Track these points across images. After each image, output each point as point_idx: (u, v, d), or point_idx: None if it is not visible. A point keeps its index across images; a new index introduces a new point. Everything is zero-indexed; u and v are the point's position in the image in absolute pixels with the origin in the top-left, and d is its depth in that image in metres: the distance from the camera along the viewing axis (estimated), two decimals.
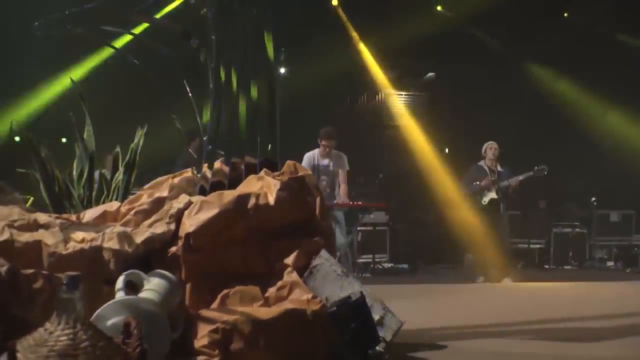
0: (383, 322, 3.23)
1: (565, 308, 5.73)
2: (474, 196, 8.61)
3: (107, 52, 8.13)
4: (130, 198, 3.60)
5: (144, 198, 3.49)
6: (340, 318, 3.01)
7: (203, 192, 3.55)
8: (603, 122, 11.20)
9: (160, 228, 3.16)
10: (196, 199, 3.32)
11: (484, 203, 8.52)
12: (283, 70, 10.23)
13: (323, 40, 10.31)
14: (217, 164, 3.74)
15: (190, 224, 3.14)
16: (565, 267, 10.38)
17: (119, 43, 5.30)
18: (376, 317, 3.20)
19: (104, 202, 3.74)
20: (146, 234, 3.10)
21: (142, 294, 2.74)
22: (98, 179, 3.93)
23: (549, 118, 11.13)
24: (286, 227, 3.44)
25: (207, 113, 3.76)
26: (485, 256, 8.68)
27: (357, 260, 9.28)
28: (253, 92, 3.78)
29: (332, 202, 7.62)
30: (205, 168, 3.71)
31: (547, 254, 10.60)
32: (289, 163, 3.68)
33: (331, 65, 10.46)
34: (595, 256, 10.78)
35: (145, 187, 3.65)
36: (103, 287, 2.83)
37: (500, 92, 10.64)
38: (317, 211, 3.56)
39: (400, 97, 12.40)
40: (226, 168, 3.71)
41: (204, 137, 3.80)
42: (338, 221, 7.67)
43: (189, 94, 3.86)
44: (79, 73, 8.67)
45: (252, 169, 3.67)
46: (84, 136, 3.92)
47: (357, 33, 11.48)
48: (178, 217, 3.22)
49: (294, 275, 3.27)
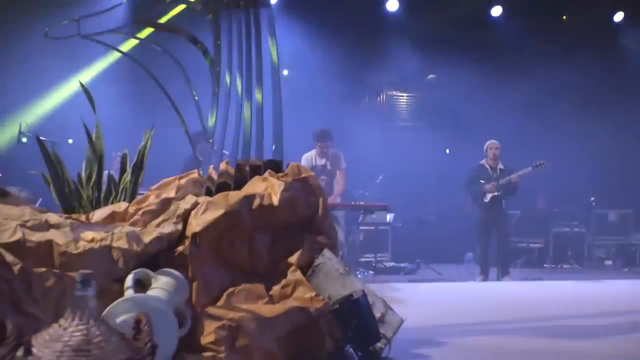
0: (384, 320, 3.25)
1: (564, 306, 5.74)
2: (477, 195, 8.68)
3: (115, 56, 8.15)
4: (138, 199, 3.59)
5: (152, 199, 3.49)
6: (342, 315, 3.04)
7: (209, 193, 3.57)
8: (601, 123, 11.20)
9: (167, 228, 3.16)
10: (202, 200, 3.34)
11: (486, 200, 8.59)
12: (286, 72, 10.27)
13: (325, 42, 10.33)
14: (223, 166, 3.76)
15: (196, 224, 3.16)
16: (564, 266, 10.38)
17: (127, 46, 5.36)
18: (377, 315, 3.23)
19: (113, 203, 3.71)
20: (154, 234, 3.10)
21: (151, 292, 2.77)
22: (106, 180, 3.93)
23: (548, 119, 11.14)
24: (290, 227, 3.47)
25: (213, 117, 3.79)
26: (485, 255, 8.73)
27: (360, 259, 9.31)
28: (258, 96, 3.81)
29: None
30: (211, 169, 3.75)
31: (546, 253, 10.61)
32: (293, 165, 3.71)
33: (333, 67, 10.50)
34: (593, 255, 10.79)
35: (152, 188, 3.64)
36: (112, 285, 2.85)
37: (500, 93, 10.64)
38: (320, 211, 3.58)
39: (401, 98, 12.43)
40: (231, 169, 3.73)
41: (210, 140, 3.83)
42: (337, 221, 7.70)
43: (195, 97, 3.90)
44: (88, 76, 8.70)
45: (257, 170, 3.70)
46: (93, 138, 3.93)
47: (358, 35, 11.49)
48: (185, 217, 3.23)
49: (298, 273, 3.30)
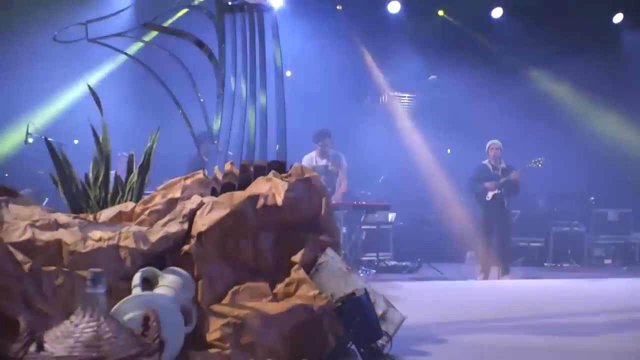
0: (386, 317, 3.29)
1: (564, 304, 5.75)
2: (479, 194, 8.75)
3: (121, 58, 8.19)
4: (144, 199, 3.62)
5: (158, 199, 3.52)
6: (345, 313, 3.07)
7: (214, 193, 3.60)
8: (601, 123, 11.22)
9: (173, 227, 3.20)
10: (208, 200, 3.38)
11: (488, 199, 8.69)
12: (289, 73, 10.29)
13: (328, 44, 10.36)
14: (228, 166, 3.80)
15: (202, 224, 3.20)
16: (564, 265, 10.38)
17: (133, 48, 5.39)
18: (379, 312, 3.26)
19: (119, 203, 3.73)
20: (160, 233, 3.14)
21: (158, 290, 2.81)
22: (113, 181, 3.96)
23: (548, 119, 11.14)
24: (293, 226, 3.51)
25: (218, 119, 3.82)
26: (485, 254, 8.76)
27: (362, 258, 9.34)
28: (262, 98, 3.84)
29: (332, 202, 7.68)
30: (216, 170, 3.78)
31: (547, 252, 10.62)
32: (296, 165, 3.74)
33: (336, 68, 10.53)
34: (593, 254, 10.79)
35: (158, 189, 3.68)
36: (120, 284, 2.88)
37: (500, 94, 10.65)
38: (323, 211, 3.62)
39: (403, 99, 12.45)
40: (236, 170, 3.76)
41: (215, 141, 3.86)
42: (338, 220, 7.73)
43: (200, 99, 3.93)
44: (94, 78, 8.75)
45: (261, 171, 3.74)
46: (100, 139, 3.95)
47: (361, 37, 11.53)
48: (190, 217, 3.27)
49: (301, 272, 3.34)
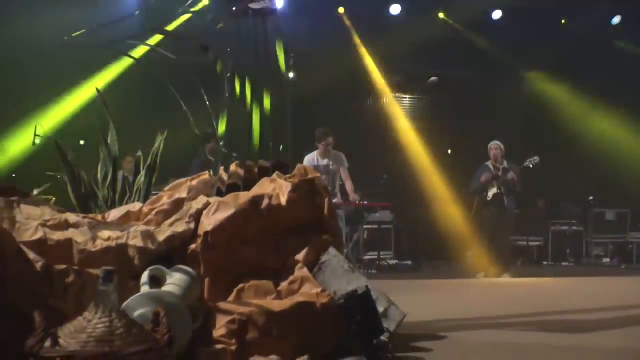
0: (387, 314, 3.31)
1: (562, 302, 5.76)
2: (481, 193, 8.80)
3: (127, 62, 8.23)
4: (151, 199, 3.67)
5: (165, 199, 3.57)
6: (347, 310, 3.09)
7: (220, 194, 3.64)
8: (599, 124, 11.25)
9: (180, 227, 3.24)
10: (214, 200, 3.41)
11: (489, 198, 8.73)
12: (292, 75, 10.31)
13: (330, 46, 10.41)
14: (233, 167, 3.84)
15: (208, 223, 3.23)
16: (562, 264, 10.42)
17: (139, 51, 5.43)
18: (381, 310, 3.28)
19: (127, 203, 3.80)
20: (168, 233, 3.17)
21: (165, 288, 2.83)
22: (121, 181, 4.01)
23: (548, 120, 11.19)
24: (297, 226, 3.54)
25: (224, 121, 3.86)
26: (485, 253, 8.80)
27: (364, 257, 9.37)
28: (266, 100, 3.89)
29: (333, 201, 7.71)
30: (221, 171, 3.82)
31: (546, 251, 10.66)
32: (300, 166, 3.78)
33: (338, 70, 10.57)
34: (591, 253, 10.82)
35: (165, 189, 3.72)
36: (129, 282, 2.90)
37: (500, 95, 10.69)
38: (326, 211, 3.65)
39: (404, 101, 12.49)
40: (241, 171, 3.81)
41: (220, 143, 3.90)
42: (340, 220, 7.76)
43: (206, 102, 3.97)
44: (102, 81, 8.79)
45: (265, 172, 3.78)
46: (108, 141, 4.00)
47: (362, 39, 11.57)
48: (197, 217, 3.30)
49: (305, 270, 3.37)
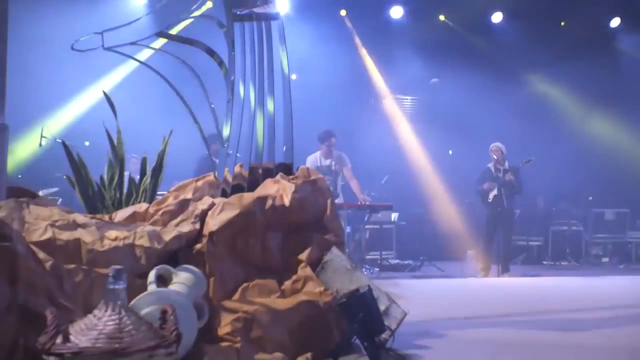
0: (388, 312, 3.35)
1: (562, 301, 5.78)
2: (482, 195, 8.94)
3: (133, 63, 8.27)
4: (157, 200, 3.70)
5: (170, 200, 3.60)
6: (349, 308, 3.12)
7: (224, 194, 3.69)
8: (598, 125, 11.27)
9: (186, 227, 3.28)
10: (218, 201, 3.45)
11: (490, 200, 8.85)
12: (294, 76, 10.37)
13: (332, 48, 10.44)
14: (237, 169, 3.88)
15: (213, 223, 3.28)
16: (562, 263, 10.42)
17: (145, 54, 5.47)
18: (382, 308, 3.32)
19: (133, 204, 3.82)
20: (174, 233, 3.21)
21: (172, 287, 2.88)
22: (127, 182, 4.04)
23: (547, 121, 11.20)
24: (300, 226, 3.59)
25: (228, 124, 3.90)
26: (486, 252, 8.83)
27: (365, 256, 9.40)
28: (269, 103, 3.93)
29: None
30: (226, 172, 3.86)
31: (546, 250, 10.68)
32: (303, 168, 3.83)
33: (339, 71, 10.61)
34: (590, 252, 10.84)
35: (171, 190, 3.77)
36: (136, 281, 2.94)
37: (500, 96, 10.70)
38: (328, 211, 3.70)
39: (405, 101, 12.51)
40: (245, 172, 3.85)
41: (225, 145, 3.94)
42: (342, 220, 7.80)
43: (211, 104, 4.02)
44: (107, 83, 8.84)
45: (269, 173, 3.83)
46: (115, 143, 4.04)
47: (363, 41, 11.61)
48: (202, 217, 3.34)
49: (308, 269, 3.42)
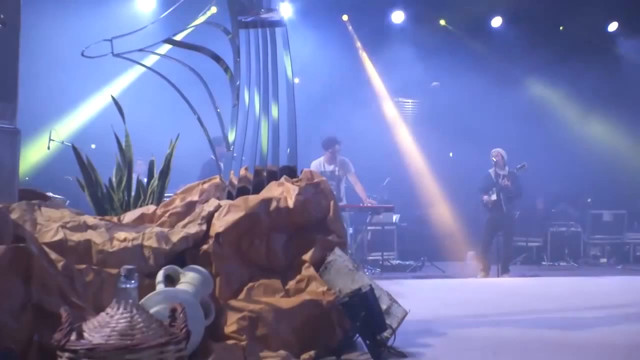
0: (390, 311, 3.38)
1: (560, 301, 5.79)
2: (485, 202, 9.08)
3: (140, 69, 8.32)
4: (164, 202, 3.75)
5: (177, 202, 3.66)
6: (352, 307, 3.16)
7: (230, 197, 3.74)
8: (597, 128, 11.30)
9: (193, 228, 3.32)
10: (224, 203, 3.50)
11: (489, 205, 8.92)
12: (297, 80, 10.41)
13: (333, 51, 10.50)
14: (243, 172, 3.93)
15: (219, 225, 3.32)
16: (561, 264, 10.45)
17: (152, 59, 5.51)
18: (384, 307, 3.35)
19: (141, 206, 3.88)
20: (181, 234, 3.26)
21: (179, 286, 2.94)
22: (135, 185, 4.09)
23: (546, 124, 11.24)
24: (304, 227, 3.63)
25: (233, 129, 3.95)
26: (486, 253, 8.88)
27: (367, 257, 9.46)
28: (274, 108, 3.98)
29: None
30: (231, 175, 3.91)
31: (544, 251, 10.71)
32: (306, 171, 3.87)
33: (341, 75, 10.65)
34: (589, 253, 10.86)
35: (178, 192, 3.82)
36: (144, 280, 2.98)
37: (500, 100, 10.74)
38: (331, 213, 3.74)
39: (406, 105, 12.56)
40: (250, 175, 3.90)
41: (230, 148, 3.99)
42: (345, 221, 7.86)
43: (216, 109, 4.06)
44: (115, 88, 8.90)
45: (274, 176, 3.88)
46: (123, 146, 4.09)
47: (365, 45, 11.66)
48: (209, 219, 3.39)
49: (311, 269, 3.46)
